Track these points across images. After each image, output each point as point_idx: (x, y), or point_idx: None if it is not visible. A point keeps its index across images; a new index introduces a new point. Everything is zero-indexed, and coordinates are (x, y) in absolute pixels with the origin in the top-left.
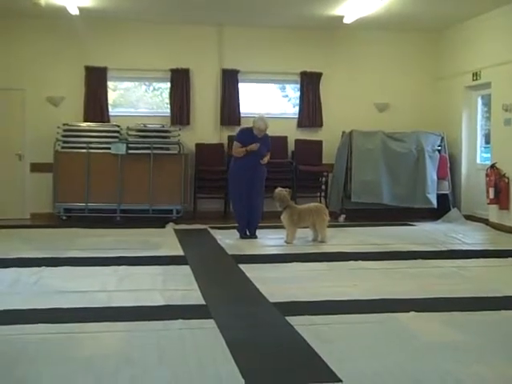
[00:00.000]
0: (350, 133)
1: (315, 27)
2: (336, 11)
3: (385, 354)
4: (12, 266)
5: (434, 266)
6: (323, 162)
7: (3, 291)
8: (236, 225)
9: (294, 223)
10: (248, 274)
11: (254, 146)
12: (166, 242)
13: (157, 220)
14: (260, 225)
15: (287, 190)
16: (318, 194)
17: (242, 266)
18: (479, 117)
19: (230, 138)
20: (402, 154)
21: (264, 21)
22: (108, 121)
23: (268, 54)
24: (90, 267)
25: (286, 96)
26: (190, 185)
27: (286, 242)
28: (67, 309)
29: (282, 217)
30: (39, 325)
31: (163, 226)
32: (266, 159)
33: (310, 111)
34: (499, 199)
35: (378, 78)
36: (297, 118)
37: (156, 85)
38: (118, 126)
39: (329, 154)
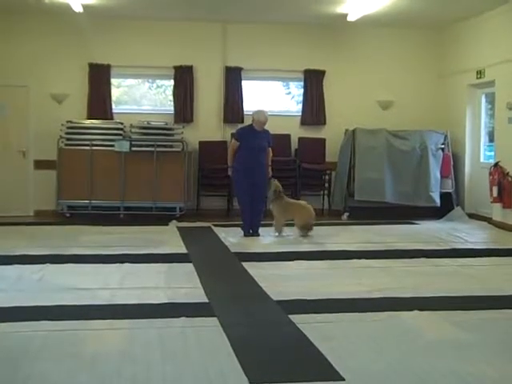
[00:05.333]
0: (354, 131)
1: (319, 25)
2: (340, 9)
3: (388, 352)
4: (16, 263)
5: (437, 264)
6: (326, 159)
7: (7, 288)
8: (240, 223)
9: None
10: (251, 272)
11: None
12: (169, 239)
13: (160, 218)
14: (263, 223)
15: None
16: (321, 192)
17: (246, 264)
18: (483, 115)
19: (233, 136)
20: (406, 153)
21: (268, 18)
22: (111, 118)
23: (271, 51)
24: (94, 264)
25: (290, 93)
26: (194, 182)
27: None
28: (71, 306)
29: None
30: (43, 322)
31: (166, 224)
32: (270, 170)
33: (314, 109)
34: (502, 198)
35: (381, 75)
36: (300, 116)
37: (159, 82)
38: (122, 124)
39: (332, 152)
